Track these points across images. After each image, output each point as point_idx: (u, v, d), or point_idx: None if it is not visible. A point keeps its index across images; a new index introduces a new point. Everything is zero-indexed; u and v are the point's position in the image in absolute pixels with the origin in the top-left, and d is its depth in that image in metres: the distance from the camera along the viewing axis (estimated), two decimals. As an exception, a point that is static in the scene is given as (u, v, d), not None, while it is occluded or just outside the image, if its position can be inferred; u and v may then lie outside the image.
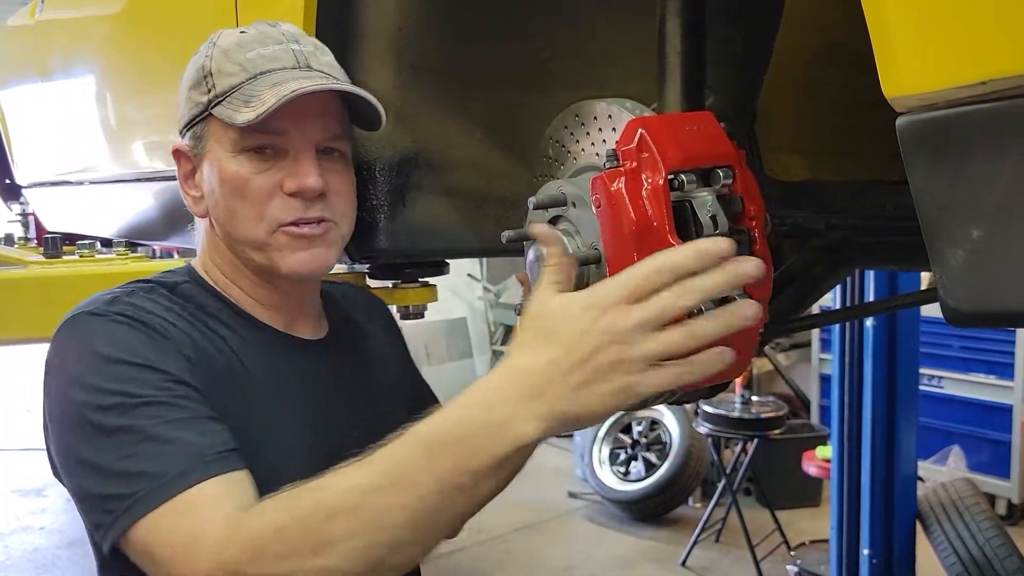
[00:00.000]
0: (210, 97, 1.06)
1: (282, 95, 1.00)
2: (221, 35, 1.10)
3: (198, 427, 0.95)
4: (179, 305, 1.08)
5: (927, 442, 4.48)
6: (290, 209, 1.07)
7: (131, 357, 0.97)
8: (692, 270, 0.77)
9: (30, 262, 2.01)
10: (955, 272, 0.64)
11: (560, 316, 0.80)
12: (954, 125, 0.62)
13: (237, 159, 1.06)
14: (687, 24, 1.04)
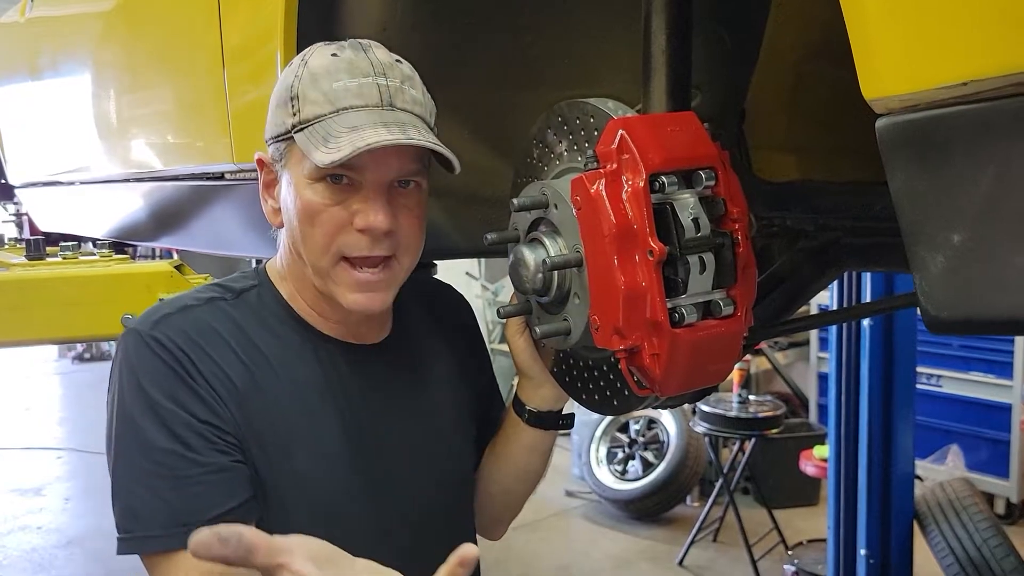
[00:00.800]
0: (295, 122, 1.06)
1: (357, 146, 1.00)
2: (314, 53, 1.09)
3: (198, 485, 1.02)
4: (230, 319, 1.12)
5: (926, 441, 4.47)
6: (357, 244, 1.08)
7: (154, 392, 1.04)
8: None
9: (12, 264, 2.00)
10: (935, 278, 0.62)
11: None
12: (935, 127, 0.61)
13: (314, 187, 1.07)
14: (672, 22, 1.02)
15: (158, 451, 1.02)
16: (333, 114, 1.04)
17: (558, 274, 1.01)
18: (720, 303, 0.91)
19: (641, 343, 0.90)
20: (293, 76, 1.08)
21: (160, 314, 1.10)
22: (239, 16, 1.48)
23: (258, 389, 1.09)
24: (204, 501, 1.01)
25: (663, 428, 5.09)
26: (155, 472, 1.01)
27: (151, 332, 1.07)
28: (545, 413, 1.25)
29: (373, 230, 1.06)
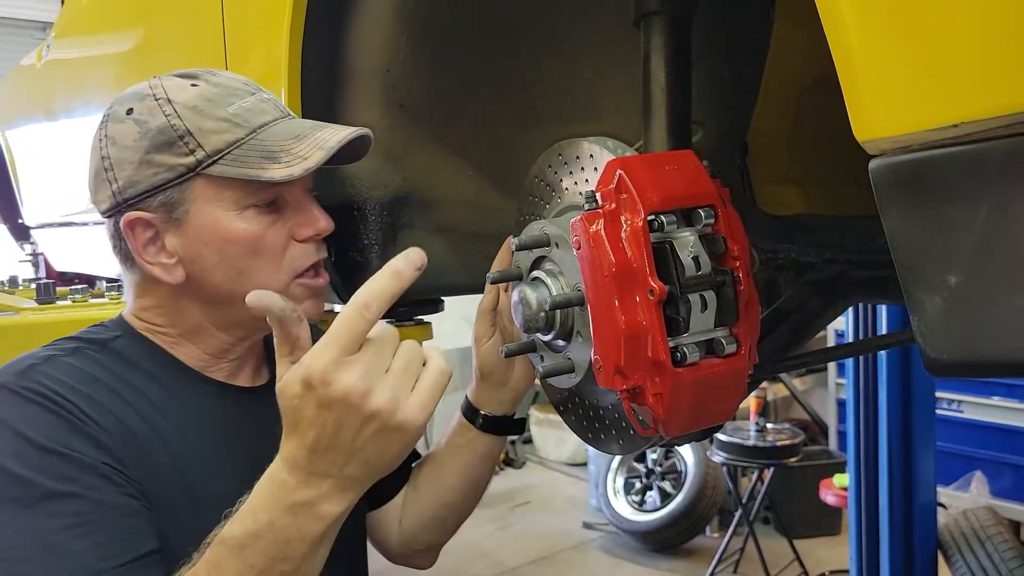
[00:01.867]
0: (200, 157, 0.99)
1: (328, 147, 0.99)
2: (167, 90, 1.03)
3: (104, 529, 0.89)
4: (103, 367, 1.02)
5: (949, 467, 4.39)
6: (307, 255, 1.07)
7: (38, 438, 0.91)
8: (396, 292, 0.81)
9: (23, 308, 2.02)
10: (933, 320, 0.61)
11: (288, 397, 0.82)
12: (928, 168, 0.60)
13: (243, 216, 1.02)
14: (672, 59, 1.03)
15: (56, 499, 0.88)
16: (252, 135, 1.01)
17: (561, 313, 1.01)
18: (723, 341, 0.91)
19: (643, 383, 0.89)
20: (162, 116, 1.00)
21: (24, 365, 0.98)
22: (245, 58, 1.50)
23: (157, 437, 1.00)
24: (120, 546, 0.89)
25: (680, 458, 5.03)
26: (56, 526, 0.87)
27: (21, 383, 0.95)
28: (500, 418, 1.23)
29: (322, 233, 1.07)
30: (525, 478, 6.30)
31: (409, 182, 1.45)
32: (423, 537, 1.32)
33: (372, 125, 1.40)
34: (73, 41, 2.65)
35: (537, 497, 5.96)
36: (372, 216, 1.45)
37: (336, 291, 1.47)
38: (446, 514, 1.31)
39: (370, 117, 1.40)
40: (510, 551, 5.00)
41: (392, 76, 1.36)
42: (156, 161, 1.00)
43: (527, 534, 5.29)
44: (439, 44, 1.35)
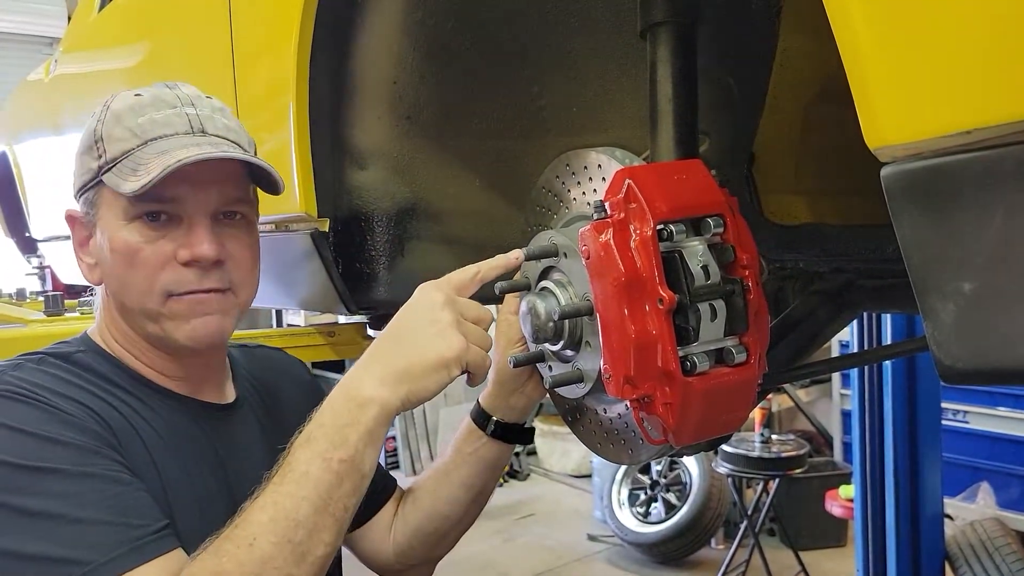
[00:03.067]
0: (100, 163, 1.02)
1: (167, 164, 0.97)
2: (116, 98, 1.06)
3: (123, 502, 0.90)
4: (74, 374, 1.01)
5: (955, 479, 4.37)
6: (183, 280, 1.03)
7: (35, 430, 0.91)
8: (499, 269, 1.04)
9: (31, 320, 2.02)
10: (947, 328, 0.61)
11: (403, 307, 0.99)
12: (940, 175, 0.60)
13: (129, 227, 1.02)
14: (678, 70, 1.03)
15: (70, 481, 0.88)
16: (141, 146, 1.01)
17: (569, 322, 1.01)
18: (732, 350, 0.91)
19: (653, 392, 0.89)
20: (97, 121, 1.04)
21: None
22: (253, 71, 1.51)
23: (135, 433, 1.00)
24: (144, 515, 0.90)
25: (685, 469, 5.01)
26: (73, 505, 0.87)
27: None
28: (511, 425, 1.22)
29: (200, 260, 1.02)
30: (529, 490, 6.28)
31: (416, 193, 1.46)
32: (420, 551, 1.31)
33: (379, 137, 1.42)
34: (81, 56, 2.67)
35: (541, 509, 5.93)
36: (379, 227, 1.45)
37: (343, 301, 1.47)
38: (446, 527, 1.29)
39: (378, 129, 1.41)
40: (514, 563, 4.97)
41: (399, 88, 1.37)
42: (82, 162, 1.06)
43: (531, 546, 5.27)
44: (445, 57, 1.36)
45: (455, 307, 0.97)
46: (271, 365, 1.34)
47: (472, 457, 1.24)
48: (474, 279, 1.01)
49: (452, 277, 1.00)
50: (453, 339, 0.94)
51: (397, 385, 0.92)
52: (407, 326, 0.96)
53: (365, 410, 0.91)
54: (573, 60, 1.37)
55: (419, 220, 1.48)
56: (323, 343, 1.73)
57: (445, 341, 0.94)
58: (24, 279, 3.93)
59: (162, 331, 1.06)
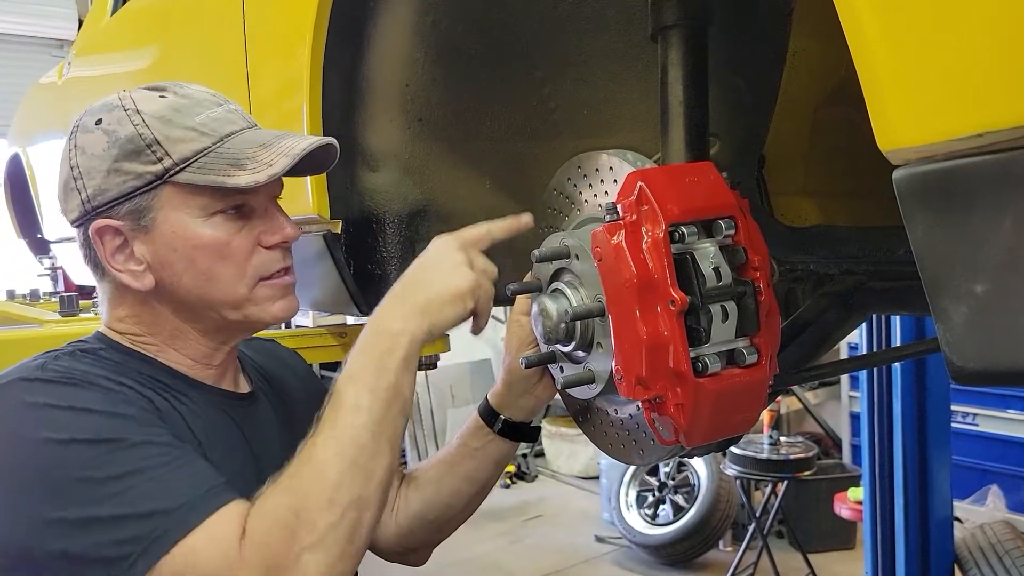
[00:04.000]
0: (168, 165, 1.02)
1: (293, 154, 1.03)
2: (136, 102, 1.05)
3: (190, 462, 0.95)
4: (104, 366, 1.03)
5: (964, 481, 4.36)
6: (273, 261, 1.10)
7: (98, 407, 0.95)
8: (507, 230, 1.11)
9: (46, 320, 2.03)
10: (959, 329, 0.62)
11: None
12: (952, 178, 0.61)
13: (210, 222, 1.05)
14: (689, 73, 1.04)
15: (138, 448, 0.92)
16: (219, 143, 1.04)
17: (581, 324, 1.02)
18: (744, 351, 0.91)
19: (665, 393, 0.90)
20: (131, 126, 1.03)
21: (36, 363, 1.00)
22: (267, 73, 1.52)
23: (179, 416, 1.04)
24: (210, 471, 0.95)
25: (693, 471, 5.01)
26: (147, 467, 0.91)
27: (46, 374, 0.97)
28: (518, 423, 1.24)
29: (288, 240, 1.10)
30: (537, 491, 6.28)
31: (427, 195, 1.47)
32: (420, 536, 1.33)
33: (391, 139, 1.43)
34: (94, 59, 2.69)
35: (549, 510, 5.93)
36: (391, 229, 1.46)
37: (355, 302, 1.48)
38: (447, 516, 1.31)
39: (389, 131, 1.42)
40: (522, 565, 4.98)
41: (411, 91, 1.38)
42: (125, 169, 1.03)
43: (539, 548, 5.27)
44: (457, 60, 1.37)
45: (466, 251, 1.05)
46: (273, 356, 1.37)
47: (479, 452, 1.26)
48: (484, 236, 1.09)
49: (463, 232, 1.09)
50: (466, 274, 1.03)
51: (420, 317, 1.01)
52: (423, 268, 1.05)
53: (397, 341, 0.99)
54: (584, 63, 1.38)
55: (430, 222, 1.49)
56: (334, 344, 1.74)
57: (459, 275, 1.02)
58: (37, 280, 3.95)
59: (243, 316, 1.10)
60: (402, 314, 1.01)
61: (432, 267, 1.04)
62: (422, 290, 1.02)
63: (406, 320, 1.00)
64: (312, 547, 0.89)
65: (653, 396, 0.90)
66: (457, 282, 1.02)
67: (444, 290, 1.02)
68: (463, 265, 1.04)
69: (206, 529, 0.89)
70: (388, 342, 0.99)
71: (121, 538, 0.88)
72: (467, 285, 1.02)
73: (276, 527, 0.90)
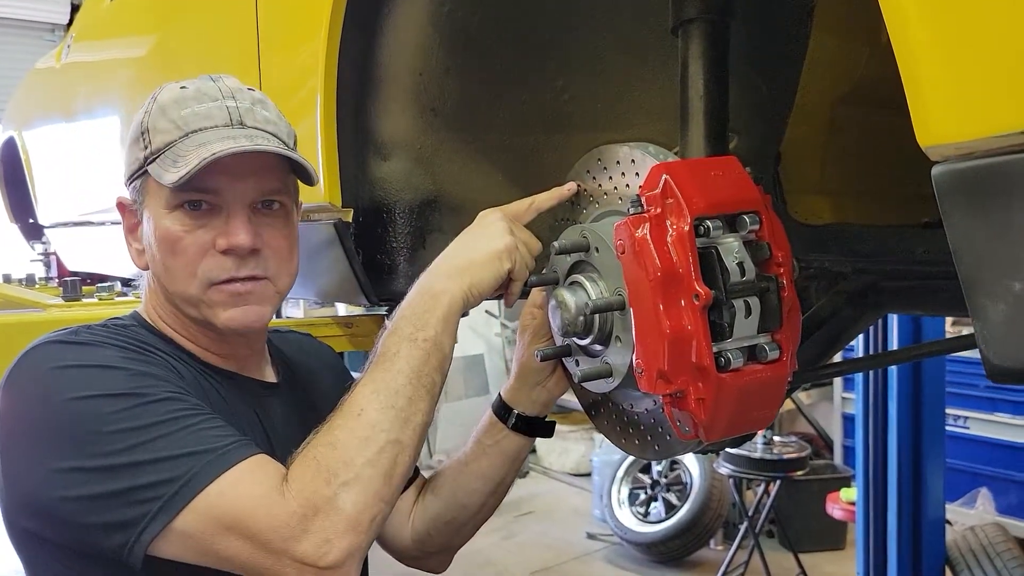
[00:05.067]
0: (146, 154, 1.07)
1: (203, 157, 1.01)
2: (163, 90, 1.10)
3: (218, 421, 0.98)
4: (137, 343, 1.07)
5: (954, 484, 4.38)
6: (222, 267, 1.08)
7: (126, 364, 0.99)
8: (552, 202, 1.15)
9: (49, 305, 2.01)
10: (996, 327, 0.61)
11: None
12: (992, 175, 0.60)
13: (171, 216, 1.07)
14: (710, 67, 1.03)
15: (167, 402, 0.96)
16: (182, 138, 1.06)
17: (599, 317, 1.01)
18: (766, 347, 0.91)
19: (686, 388, 0.90)
20: (144, 112, 1.09)
21: (70, 328, 1.06)
22: (280, 58, 1.51)
23: (203, 391, 1.07)
24: (234, 428, 0.99)
25: (686, 469, 5.02)
26: (177, 416, 0.95)
27: (79, 337, 1.03)
28: (533, 418, 1.24)
29: (237, 249, 1.07)
30: (529, 488, 6.28)
31: (439, 186, 1.46)
32: (438, 539, 1.32)
33: (403, 128, 1.42)
34: (96, 43, 2.66)
35: (541, 507, 5.94)
36: (401, 219, 1.45)
37: (364, 291, 1.47)
38: (464, 517, 1.30)
39: (402, 120, 1.41)
40: (514, 561, 4.98)
41: (425, 80, 1.37)
42: (131, 152, 1.10)
43: (531, 544, 5.28)
44: (471, 50, 1.36)
45: (509, 222, 1.10)
46: (304, 350, 1.37)
47: (493, 449, 1.25)
48: (529, 209, 1.13)
49: (508, 206, 1.12)
50: (505, 235, 1.07)
51: (460, 277, 1.05)
52: (468, 234, 1.10)
53: (439, 299, 1.03)
54: (599, 55, 1.37)
55: (441, 213, 1.48)
56: (341, 334, 1.73)
57: (498, 237, 1.07)
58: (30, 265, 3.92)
59: (202, 316, 1.11)
60: (444, 274, 1.05)
61: (475, 233, 1.09)
62: (463, 253, 1.07)
63: (447, 280, 1.05)
64: (349, 484, 0.92)
65: (674, 390, 0.90)
66: (495, 244, 1.06)
67: (484, 251, 1.06)
68: (504, 231, 1.08)
69: (246, 466, 0.94)
70: (430, 300, 1.03)
71: (153, 481, 0.91)
72: (503, 245, 1.06)
73: (314, 465, 0.93)
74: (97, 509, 0.92)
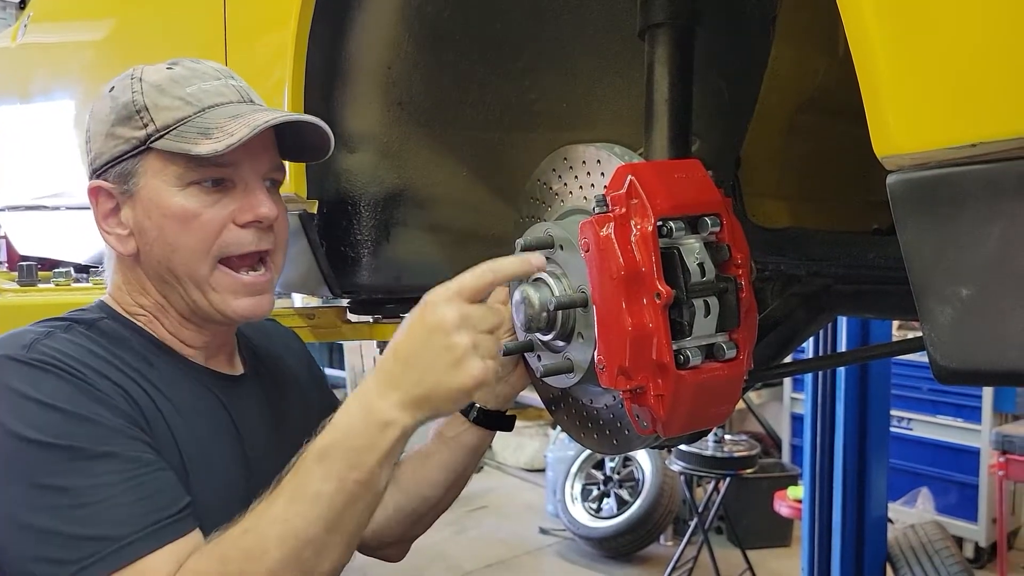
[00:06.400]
0: (149, 132, 1.04)
1: (253, 126, 1.01)
2: (143, 71, 1.08)
3: (147, 483, 0.93)
4: (99, 344, 1.03)
5: (896, 483, 4.51)
6: (242, 240, 1.07)
7: (66, 406, 0.93)
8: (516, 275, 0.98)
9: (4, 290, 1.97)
10: (943, 330, 0.65)
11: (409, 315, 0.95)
12: (944, 185, 0.64)
13: (184, 193, 1.04)
14: (675, 72, 1.06)
15: (96, 461, 0.90)
16: (199, 113, 1.04)
17: (563, 313, 1.03)
18: (723, 346, 0.93)
19: (646, 384, 0.92)
20: (131, 93, 1.06)
21: (27, 339, 0.99)
22: (247, 45, 1.49)
23: (157, 411, 1.02)
24: (166, 496, 0.93)
25: (638, 466, 5.08)
26: (98, 484, 0.90)
27: (32, 356, 0.96)
28: (493, 412, 1.25)
29: (264, 219, 1.06)
30: (483, 482, 6.30)
31: (404, 180, 1.46)
32: (397, 530, 1.33)
33: (370, 121, 1.42)
34: (56, 24, 2.60)
35: (494, 502, 5.96)
36: (366, 212, 1.46)
37: (327, 283, 1.47)
38: (424, 509, 1.31)
39: (369, 113, 1.41)
40: (467, 555, 5.00)
41: (393, 74, 1.38)
42: (117, 133, 1.06)
43: (484, 538, 5.30)
44: (440, 45, 1.37)
45: (469, 325, 0.91)
46: (269, 336, 1.36)
47: (453, 442, 1.26)
48: (489, 285, 0.96)
49: (464, 284, 0.93)
50: (473, 367, 0.91)
51: (416, 410, 0.92)
52: (422, 348, 0.91)
53: (384, 433, 0.91)
54: (566, 56, 1.39)
55: (405, 206, 1.48)
56: (303, 325, 1.72)
57: (466, 370, 0.90)
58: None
59: (208, 302, 1.08)
60: (396, 402, 0.91)
61: (432, 352, 0.91)
62: (422, 380, 0.91)
63: (400, 411, 0.91)
64: None
65: (634, 386, 0.92)
66: (463, 379, 0.90)
67: (448, 387, 0.91)
68: (469, 354, 0.90)
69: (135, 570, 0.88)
70: (374, 433, 0.91)
71: (50, 556, 0.88)
72: (474, 381, 0.91)
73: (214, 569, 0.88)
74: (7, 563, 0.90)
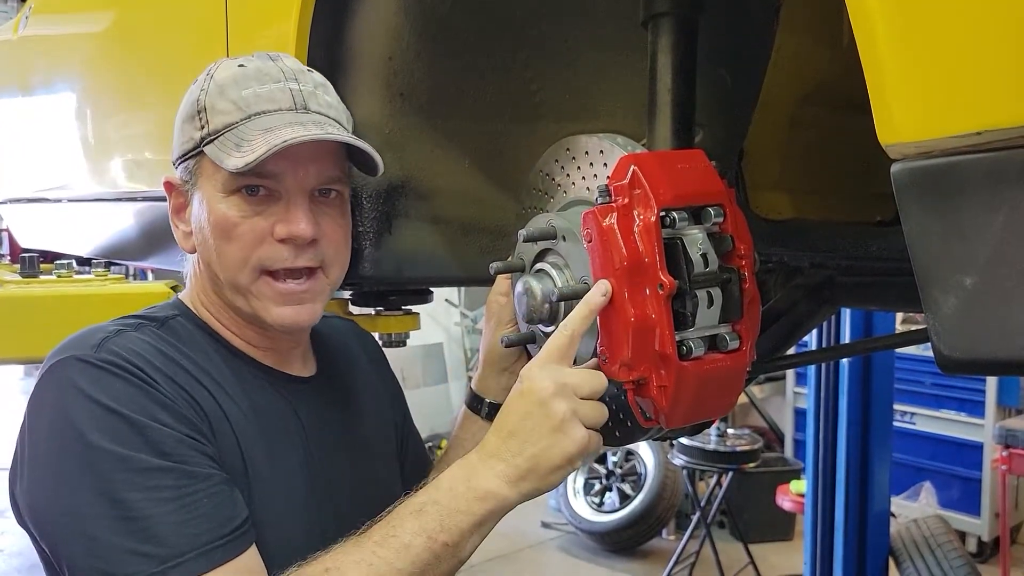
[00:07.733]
0: (203, 134, 1.03)
1: (273, 144, 0.97)
2: (219, 66, 1.06)
3: (202, 501, 0.92)
4: (168, 344, 1.02)
5: (899, 478, 4.51)
6: (279, 256, 1.03)
7: (129, 411, 0.92)
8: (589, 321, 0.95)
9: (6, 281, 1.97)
10: (947, 319, 0.64)
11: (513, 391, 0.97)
12: (949, 173, 0.63)
13: (228, 200, 1.02)
14: (678, 62, 1.05)
15: (153, 474, 0.90)
16: (244, 120, 1.02)
17: (565, 305, 1.03)
18: (726, 337, 0.93)
19: (649, 375, 0.92)
20: (200, 89, 1.05)
21: (96, 339, 0.98)
22: (249, 36, 1.49)
23: (223, 416, 1.01)
24: (222, 514, 0.92)
25: (640, 460, 5.09)
26: (152, 499, 0.89)
27: (98, 355, 0.95)
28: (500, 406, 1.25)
29: (296, 238, 1.02)
30: (484, 476, 6.30)
31: (406, 171, 1.46)
32: None
33: (372, 112, 1.41)
34: (57, 17, 2.60)
35: (496, 496, 5.96)
36: (368, 203, 1.45)
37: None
38: None
39: (371, 104, 1.40)
40: (469, 548, 5.00)
41: (394, 65, 1.37)
42: (184, 130, 1.06)
43: (486, 532, 5.30)
44: (442, 36, 1.36)
45: (567, 393, 0.92)
46: (346, 337, 1.33)
47: (470, 442, 1.25)
48: (572, 342, 0.95)
49: (551, 350, 0.95)
50: (576, 434, 0.92)
51: (520, 483, 0.93)
52: (525, 422, 0.93)
53: (483, 503, 0.93)
54: (569, 47, 1.38)
55: (407, 198, 1.47)
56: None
57: (568, 438, 0.91)
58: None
59: (250, 308, 1.06)
60: (499, 472, 0.93)
61: (535, 424, 0.92)
62: (525, 453, 0.92)
63: (502, 483, 0.92)
64: None
65: (637, 377, 0.92)
66: (566, 447, 0.91)
67: (552, 457, 0.92)
68: (569, 421, 0.91)
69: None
70: (472, 501, 0.92)
71: (98, 566, 0.87)
72: (577, 448, 0.92)
73: None
74: (67, 567, 0.91)
